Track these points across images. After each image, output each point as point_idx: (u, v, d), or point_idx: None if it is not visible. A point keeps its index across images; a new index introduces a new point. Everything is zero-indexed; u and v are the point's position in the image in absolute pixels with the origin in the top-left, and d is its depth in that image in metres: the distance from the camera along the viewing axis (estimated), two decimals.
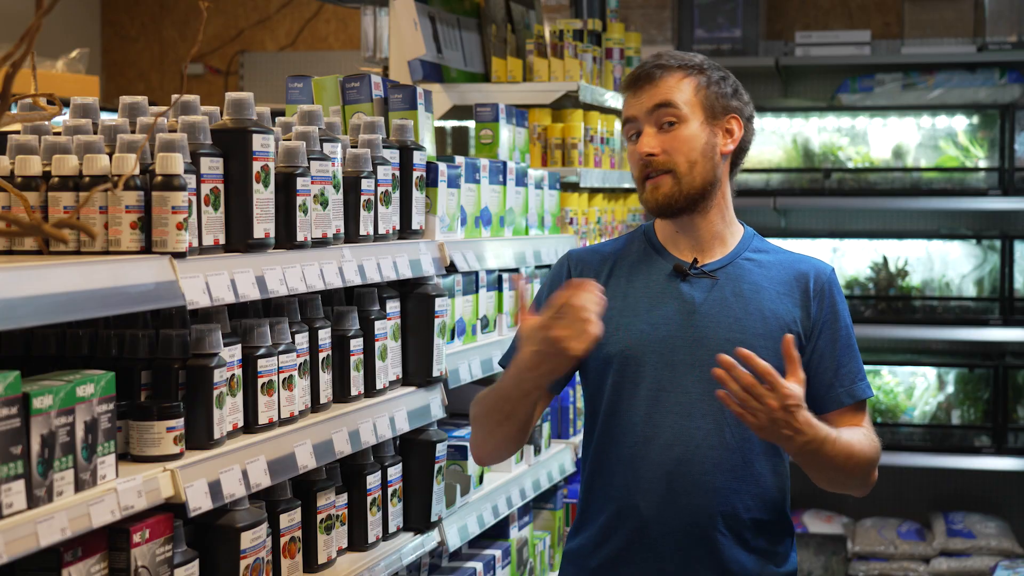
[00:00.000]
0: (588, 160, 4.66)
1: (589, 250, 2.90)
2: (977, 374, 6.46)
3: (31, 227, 2.01)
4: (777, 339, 2.69)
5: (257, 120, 2.56)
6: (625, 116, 2.78)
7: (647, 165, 2.72)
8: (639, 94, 2.75)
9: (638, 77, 2.77)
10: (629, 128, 2.77)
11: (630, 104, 2.77)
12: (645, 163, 2.72)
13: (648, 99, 2.74)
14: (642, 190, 2.75)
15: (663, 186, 2.72)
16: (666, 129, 2.72)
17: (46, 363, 2.49)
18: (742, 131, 2.80)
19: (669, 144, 2.72)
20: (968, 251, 6.53)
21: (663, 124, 2.72)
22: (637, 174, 2.76)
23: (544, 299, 2.85)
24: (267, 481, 2.54)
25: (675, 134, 2.72)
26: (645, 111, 2.73)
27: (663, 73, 2.75)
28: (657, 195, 2.72)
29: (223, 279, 2.41)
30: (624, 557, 2.73)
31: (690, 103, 2.73)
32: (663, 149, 2.71)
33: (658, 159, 2.71)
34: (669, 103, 2.72)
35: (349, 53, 7.82)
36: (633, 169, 2.78)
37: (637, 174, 2.76)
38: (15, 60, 1.94)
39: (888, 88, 6.65)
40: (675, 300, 2.74)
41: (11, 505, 1.96)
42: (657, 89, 2.74)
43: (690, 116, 2.73)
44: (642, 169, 2.73)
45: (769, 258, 2.80)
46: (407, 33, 4.31)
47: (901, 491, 6.77)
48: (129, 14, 8.41)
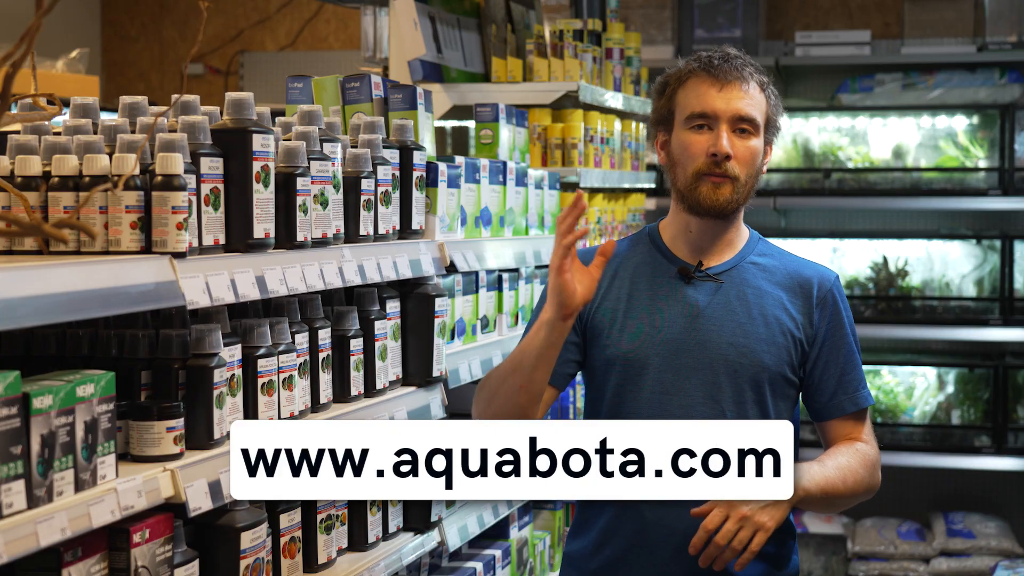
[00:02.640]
0: (588, 160, 4.66)
1: (593, 251, 2.88)
2: (977, 374, 6.46)
3: (31, 227, 2.01)
4: (779, 344, 2.69)
5: (257, 120, 2.56)
6: (703, 108, 2.69)
7: (717, 164, 2.67)
8: (727, 90, 2.69)
9: (726, 70, 2.70)
10: (698, 119, 2.70)
11: (713, 97, 2.69)
12: (716, 162, 2.67)
13: (737, 104, 2.68)
14: (695, 184, 2.69)
15: (724, 190, 2.68)
16: (740, 136, 2.69)
17: (46, 363, 2.49)
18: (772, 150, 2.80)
19: (741, 152, 2.69)
20: (968, 251, 6.53)
21: (739, 130, 2.69)
22: (697, 167, 2.69)
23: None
24: None
25: (747, 144, 2.70)
26: (731, 115, 2.68)
27: (751, 77, 2.71)
28: (718, 197, 2.68)
29: (223, 279, 2.41)
30: (624, 560, 2.73)
31: (763, 118, 2.72)
32: (736, 156, 2.68)
33: (730, 164, 2.68)
34: (754, 120, 2.69)
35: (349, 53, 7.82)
36: (689, 160, 2.70)
37: (697, 167, 2.69)
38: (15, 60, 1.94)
39: (888, 88, 6.65)
40: (679, 303, 2.73)
41: (11, 505, 1.96)
42: (746, 96, 2.69)
43: (760, 131, 2.72)
44: (709, 166, 2.68)
45: (774, 262, 2.79)
46: (407, 33, 4.31)
47: (901, 491, 6.77)
48: (129, 14, 8.41)
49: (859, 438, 2.75)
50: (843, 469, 2.66)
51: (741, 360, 2.68)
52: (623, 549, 2.73)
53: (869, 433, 2.77)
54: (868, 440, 2.76)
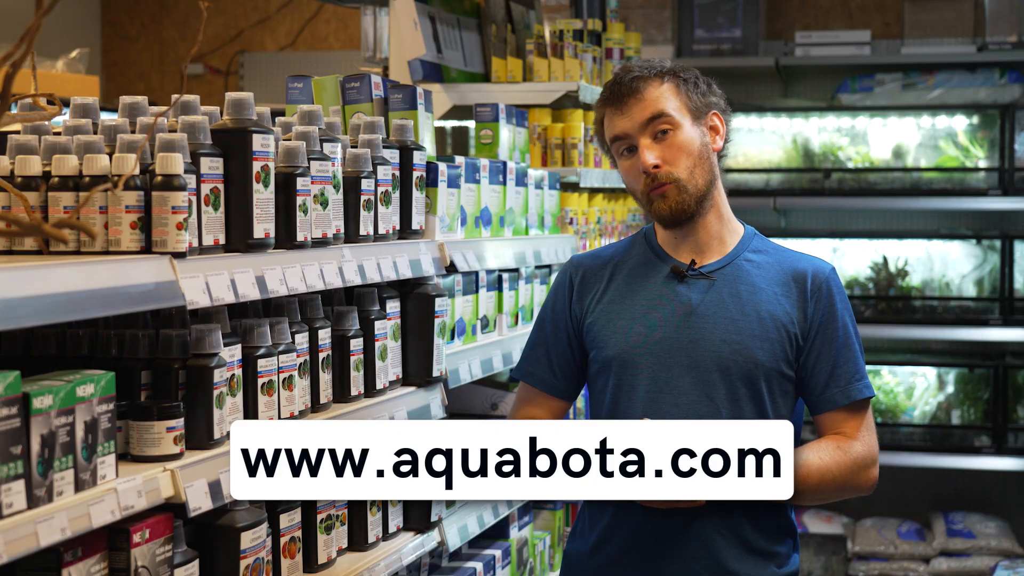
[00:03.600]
0: (588, 160, 4.66)
1: (591, 255, 2.90)
2: (977, 374, 6.46)
3: (31, 227, 2.01)
4: (773, 339, 2.69)
5: (257, 120, 2.56)
6: (614, 134, 2.74)
7: (652, 178, 2.69)
8: (626, 109, 2.72)
9: (620, 93, 2.73)
10: (619, 145, 2.74)
11: (617, 121, 2.73)
12: (650, 176, 2.69)
13: (639, 112, 2.71)
14: (648, 202, 2.72)
15: (670, 196, 2.70)
16: (660, 139, 2.71)
17: (46, 363, 2.49)
18: (724, 126, 2.79)
19: (667, 153, 2.70)
20: (968, 251, 6.53)
21: (657, 134, 2.71)
22: (641, 188, 2.72)
23: (551, 308, 2.86)
24: None
25: (671, 142, 2.71)
26: (638, 125, 2.71)
27: (644, 84, 2.72)
28: (669, 204, 2.70)
29: (223, 279, 2.41)
30: (623, 559, 2.73)
31: (678, 108, 2.72)
32: (663, 159, 2.70)
33: (662, 170, 2.69)
34: (662, 113, 2.70)
35: (349, 53, 7.82)
36: (633, 184, 2.75)
37: (641, 188, 2.72)
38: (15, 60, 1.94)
39: (888, 88, 6.65)
40: (672, 302, 2.74)
41: (11, 505, 1.96)
42: (645, 101, 2.71)
43: (681, 121, 2.72)
44: (646, 183, 2.71)
45: (768, 258, 2.79)
46: (407, 33, 4.31)
47: (901, 491, 6.77)
48: (129, 14, 8.41)
49: (849, 433, 2.70)
50: (808, 465, 2.63)
51: (734, 357, 2.68)
52: (622, 549, 2.73)
53: (865, 428, 2.72)
54: (861, 436, 2.71)
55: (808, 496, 2.66)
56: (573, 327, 2.82)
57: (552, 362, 2.84)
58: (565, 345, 2.83)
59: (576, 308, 2.82)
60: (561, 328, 2.84)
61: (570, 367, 2.83)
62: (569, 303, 2.84)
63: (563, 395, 2.85)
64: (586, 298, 2.82)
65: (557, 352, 2.84)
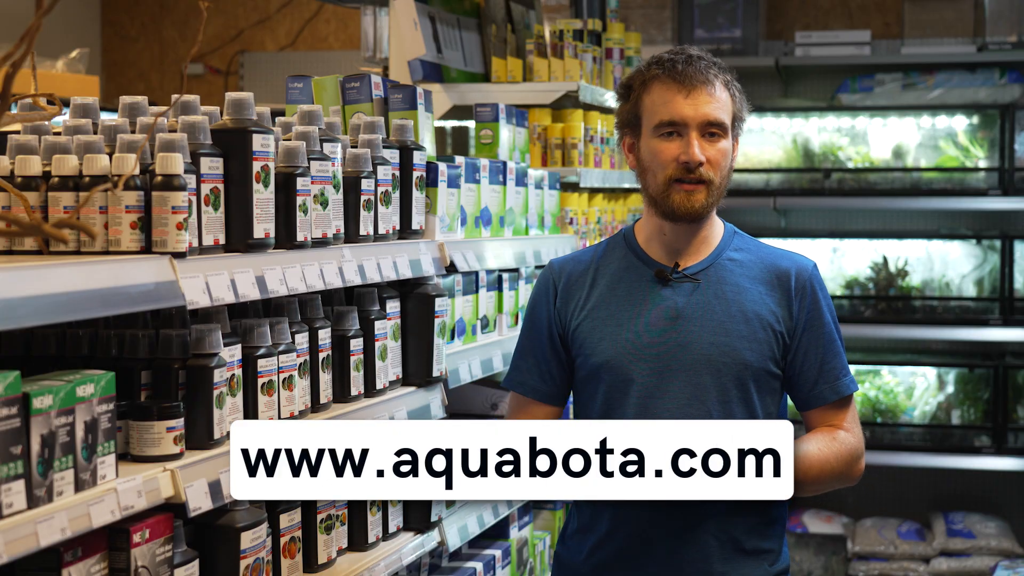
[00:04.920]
0: (588, 160, 4.66)
1: (570, 259, 2.87)
2: (977, 374, 6.46)
3: (31, 227, 2.01)
4: (760, 339, 2.69)
5: (257, 120, 2.56)
6: (671, 116, 2.67)
7: (690, 171, 2.66)
8: (694, 96, 2.67)
9: (691, 75, 2.67)
10: (667, 127, 2.68)
11: (680, 105, 2.67)
12: (688, 169, 2.66)
13: (706, 109, 2.66)
14: (667, 191, 2.68)
15: (699, 196, 2.67)
16: (710, 139, 2.68)
17: (46, 363, 2.49)
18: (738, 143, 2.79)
19: (712, 156, 2.68)
20: (968, 251, 6.53)
21: (707, 134, 2.68)
22: (669, 174, 2.68)
23: (535, 314, 2.84)
24: None
25: (717, 147, 2.68)
26: (700, 122, 2.67)
27: (716, 80, 2.69)
28: (693, 203, 2.67)
29: (223, 279, 2.41)
30: (615, 563, 2.73)
31: (730, 117, 2.71)
32: (708, 160, 2.67)
33: (704, 169, 2.67)
34: (722, 124, 2.68)
35: (349, 53, 7.82)
36: (660, 167, 2.69)
37: (669, 174, 2.68)
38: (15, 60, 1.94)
39: (888, 88, 6.64)
40: (658, 306, 2.73)
41: (11, 505, 1.96)
42: (716, 100, 2.67)
43: (729, 130, 2.71)
44: (681, 172, 2.67)
45: (750, 256, 2.78)
46: (407, 33, 4.31)
47: (901, 491, 6.77)
48: (129, 14, 8.41)
49: (840, 426, 2.74)
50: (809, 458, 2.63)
51: (723, 359, 2.68)
52: (613, 552, 2.73)
53: (852, 420, 2.75)
54: (850, 428, 2.73)
55: (807, 488, 2.66)
56: (559, 332, 2.81)
57: (542, 370, 2.82)
58: (553, 351, 2.81)
59: (561, 314, 2.80)
60: (546, 335, 2.81)
61: (559, 373, 2.82)
62: (554, 308, 2.81)
63: (555, 401, 2.84)
64: (570, 304, 2.80)
65: (546, 359, 2.81)
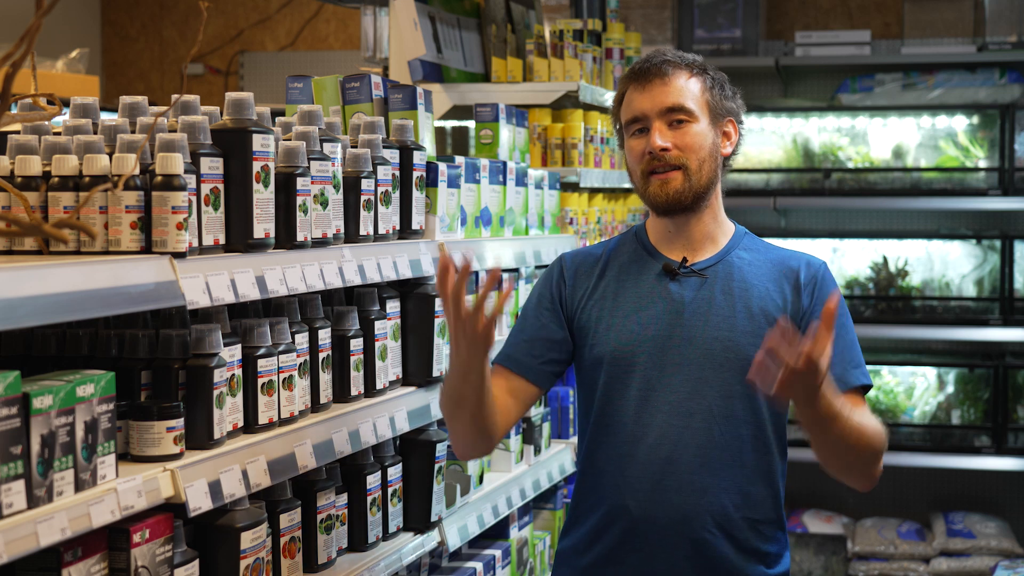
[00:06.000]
0: (588, 160, 4.66)
1: (582, 252, 2.89)
2: (977, 374, 6.45)
3: (31, 227, 2.01)
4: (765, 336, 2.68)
5: (257, 120, 2.56)
6: (632, 114, 2.74)
7: (657, 160, 2.70)
8: (649, 90, 2.72)
9: (647, 71, 2.74)
10: (634, 125, 2.75)
11: (638, 100, 2.74)
12: (655, 157, 2.69)
13: (661, 98, 2.71)
14: (645, 185, 2.72)
15: (673, 182, 2.70)
16: (675, 127, 2.71)
17: (46, 363, 2.49)
18: (737, 135, 2.80)
19: (681, 141, 2.70)
20: (968, 251, 6.53)
21: (673, 122, 2.71)
22: (642, 168, 2.72)
23: (536, 301, 2.85)
24: (267, 481, 2.54)
25: (687, 131, 2.71)
26: (658, 110, 2.71)
27: (673, 70, 2.73)
28: (668, 190, 2.70)
29: (223, 279, 2.41)
30: (614, 556, 2.74)
31: (699, 103, 2.73)
32: (675, 145, 2.70)
33: (671, 154, 2.69)
34: (683, 107, 2.71)
35: (349, 53, 7.82)
36: (635, 164, 2.74)
37: (642, 168, 2.72)
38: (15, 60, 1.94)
39: (888, 88, 6.64)
40: (664, 300, 2.74)
41: (11, 505, 1.96)
42: (669, 88, 2.72)
43: (699, 116, 2.72)
44: (649, 163, 2.70)
45: (760, 256, 2.79)
46: (407, 33, 4.31)
47: (901, 491, 6.77)
48: (129, 14, 8.41)
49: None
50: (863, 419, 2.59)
51: (727, 354, 2.68)
52: (613, 546, 2.73)
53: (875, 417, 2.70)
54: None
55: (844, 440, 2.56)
56: (564, 318, 2.80)
57: (532, 346, 2.78)
58: (547, 334, 2.78)
59: (568, 302, 2.80)
60: (545, 317, 2.80)
61: (548, 358, 2.79)
62: (560, 296, 2.81)
63: (534, 378, 2.77)
64: (577, 293, 2.80)
65: (538, 339, 2.78)
